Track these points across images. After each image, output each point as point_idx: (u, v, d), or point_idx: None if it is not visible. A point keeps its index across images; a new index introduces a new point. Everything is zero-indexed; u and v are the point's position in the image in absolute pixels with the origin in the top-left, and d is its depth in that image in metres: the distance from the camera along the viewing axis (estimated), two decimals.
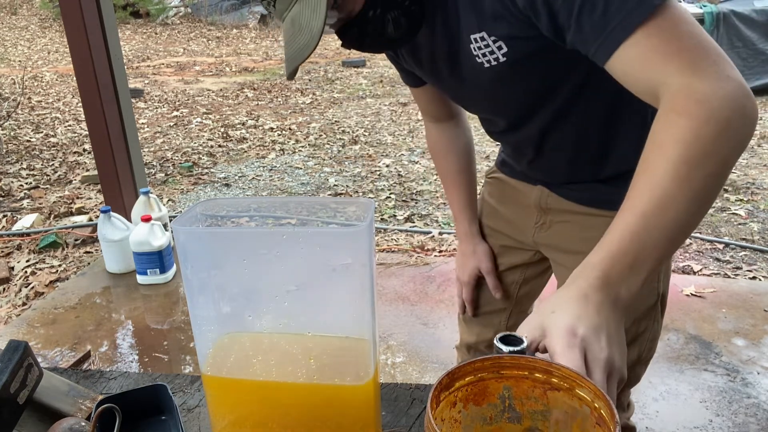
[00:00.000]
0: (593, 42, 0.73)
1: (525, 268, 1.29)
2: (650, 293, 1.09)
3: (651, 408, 1.82)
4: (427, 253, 3.05)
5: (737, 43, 6.53)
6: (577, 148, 1.03)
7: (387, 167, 4.72)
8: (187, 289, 0.85)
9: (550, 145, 1.04)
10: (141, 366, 2.09)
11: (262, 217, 0.95)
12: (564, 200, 1.11)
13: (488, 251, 1.30)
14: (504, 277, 1.31)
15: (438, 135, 1.30)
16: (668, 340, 2.15)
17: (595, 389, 0.67)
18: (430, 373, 2.05)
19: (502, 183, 1.26)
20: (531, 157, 1.10)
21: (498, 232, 1.29)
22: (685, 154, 0.65)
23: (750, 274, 2.86)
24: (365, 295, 0.81)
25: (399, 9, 0.86)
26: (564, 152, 1.05)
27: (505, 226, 1.27)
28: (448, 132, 1.28)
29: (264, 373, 0.88)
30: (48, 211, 3.88)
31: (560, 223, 1.14)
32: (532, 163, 1.11)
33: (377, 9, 0.85)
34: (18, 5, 14.07)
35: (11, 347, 0.93)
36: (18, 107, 6.72)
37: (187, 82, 8.62)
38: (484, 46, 0.87)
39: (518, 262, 1.28)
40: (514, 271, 1.30)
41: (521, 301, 1.33)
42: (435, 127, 1.29)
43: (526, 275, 1.30)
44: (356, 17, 0.86)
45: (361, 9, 0.85)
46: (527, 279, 1.30)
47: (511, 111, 1.03)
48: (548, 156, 1.07)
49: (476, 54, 0.89)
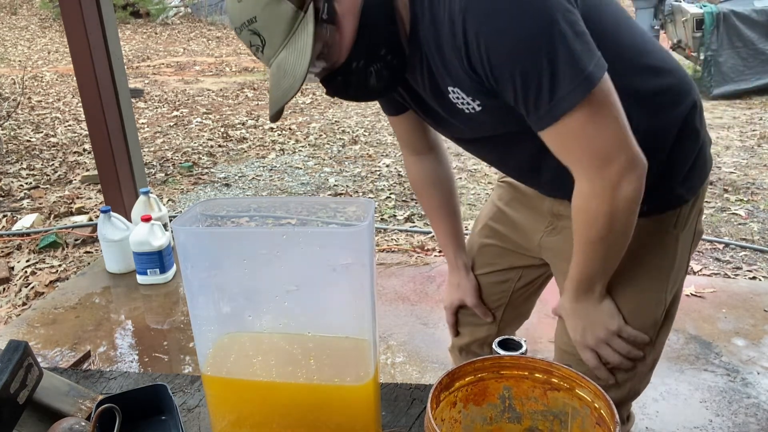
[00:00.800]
0: (529, 117, 0.88)
1: (521, 270, 1.30)
2: (658, 304, 1.09)
3: (651, 408, 1.82)
4: (427, 253, 3.05)
5: (737, 43, 6.53)
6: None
7: (387, 167, 4.72)
8: (187, 289, 0.85)
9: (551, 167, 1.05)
10: (141, 366, 2.08)
11: (262, 217, 0.95)
12: None
13: (473, 286, 1.33)
14: (502, 274, 1.32)
15: (419, 169, 1.30)
16: (668, 340, 2.15)
17: (595, 389, 0.67)
18: (430, 373, 2.05)
19: (513, 187, 1.27)
20: (534, 182, 1.13)
21: (500, 234, 1.30)
22: (588, 237, 0.97)
23: (750, 274, 2.86)
24: (365, 295, 0.81)
25: (381, 62, 0.91)
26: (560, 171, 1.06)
27: (511, 231, 1.28)
28: (429, 165, 1.29)
29: (264, 373, 0.88)
30: (48, 211, 3.88)
31: (569, 229, 1.14)
32: (537, 185, 1.15)
33: (360, 61, 0.89)
34: (18, 5, 14.07)
35: (11, 347, 0.93)
36: (18, 107, 6.72)
37: (187, 82, 8.62)
38: (460, 98, 0.93)
39: (517, 264, 1.30)
40: (511, 271, 1.31)
41: (514, 301, 1.34)
42: (415, 161, 1.29)
43: (522, 275, 1.31)
44: (340, 68, 0.90)
45: (345, 60, 0.89)
46: (523, 280, 1.31)
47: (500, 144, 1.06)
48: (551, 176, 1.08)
49: (455, 102, 0.95)
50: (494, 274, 1.33)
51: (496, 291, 1.33)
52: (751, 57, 6.55)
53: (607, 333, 1.06)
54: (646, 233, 1.02)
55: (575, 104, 0.83)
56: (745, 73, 6.58)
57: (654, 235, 1.04)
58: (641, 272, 1.06)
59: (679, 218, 1.06)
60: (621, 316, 1.07)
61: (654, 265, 1.07)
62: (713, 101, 6.45)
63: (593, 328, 1.07)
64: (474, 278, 1.34)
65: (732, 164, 4.50)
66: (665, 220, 1.05)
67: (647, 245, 1.04)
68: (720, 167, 4.42)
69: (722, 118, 5.84)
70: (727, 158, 4.64)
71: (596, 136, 0.86)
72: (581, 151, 0.88)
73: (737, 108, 6.22)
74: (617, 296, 1.08)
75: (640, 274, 1.06)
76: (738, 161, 4.57)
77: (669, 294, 1.09)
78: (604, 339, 1.07)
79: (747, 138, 5.17)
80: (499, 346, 0.88)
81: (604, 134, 0.86)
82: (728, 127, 5.53)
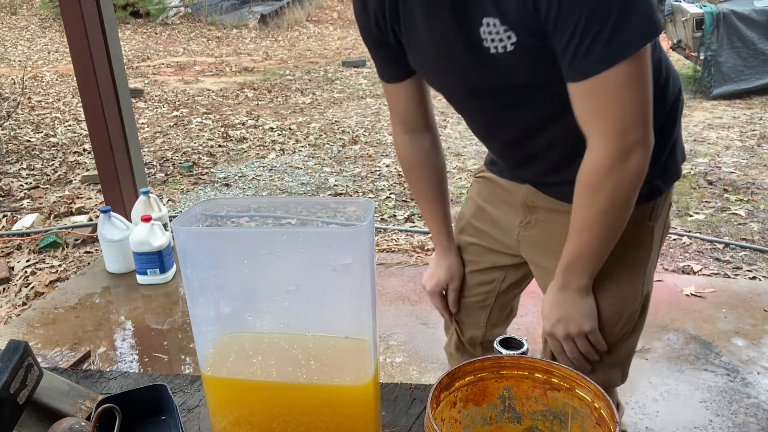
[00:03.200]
0: (573, 64, 0.87)
1: (506, 270, 1.29)
2: (635, 297, 1.10)
3: (651, 408, 1.82)
4: (427, 253, 3.05)
5: (737, 43, 6.53)
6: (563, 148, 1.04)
7: (387, 167, 4.72)
8: (187, 289, 0.85)
9: (539, 145, 1.05)
10: (141, 366, 2.08)
11: (262, 217, 0.95)
12: (551, 199, 1.12)
13: (461, 271, 1.32)
14: (486, 274, 1.31)
15: (412, 149, 1.23)
16: (668, 340, 2.15)
17: (595, 389, 0.67)
18: (429, 373, 2.05)
19: (490, 182, 1.26)
20: (520, 157, 1.10)
21: (483, 232, 1.29)
22: (590, 210, 0.97)
23: (750, 274, 2.86)
24: (365, 295, 0.81)
25: None
26: (552, 152, 1.05)
27: (492, 228, 1.26)
28: (424, 146, 1.23)
29: (264, 373, 0.88)
30: (48, 211, 3.88)
31: (544, 222, 1.15)
32: (521, 164, 1.12)
33: None
34: (18, 5, 14.06)
35: (11, 347, 0.93)
36: (18, 107, 6.72)
37: (187, 82, 8.62)
38: (494, 32, 0.89)
39: (500, 264, 1.29)
40: (495, 270, 1.30)
41: (501, 299, 1.33)
42: (408, 140, 1.22)
43: (507, 276, 1.30)
44: None
45: None
46: (507, 281, 1.31)
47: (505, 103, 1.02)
48: (537, 156, 1.07)
49: (484, 38, 0.91)
50: (478, 273, 1.31)
51: (480, 291, 1.32)
52: (751, 57, 6.55)
53: (578, 331, 1.08)
54: None
55: (631, 53, 0.82)
56: (745, 73, 6.58)
57: (631, 226, 1.03)
58: (620, 265, 1.07)
59: (654, 210, 1.07)
60: (596, 319, 1.08)
61: (631, 256, 1.08)
62: (713, 101, 6.45)
63: (567, 322, 1.08)
64: (462, 263, 1.33)
65: (732, 164, 4.49)
66: (641, 212, 1.05)
67: (625, 237, 1.04)
68: (720, 167, 4.42)
69: (722, 118, 5.84)
70: (727, 158, 4.64)
71: (628, 101, 0.87)
72: (608, 113, 0.89)
73: (737, 108, 6.22)
74: (597, 290, 1.08)
75: (619, 267, 1.07)
76: (738, 161, 4.57)
77: (645, 287, 1.10)
78: (572, 335, 1.08)
79: (747, 138, 5.17)
80: (501, 344, 0.88)
81: (635, 102, 0.87)
82: (728, 127, 5.53)
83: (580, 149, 0.96)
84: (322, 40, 12.66)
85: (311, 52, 11.34)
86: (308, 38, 12.84)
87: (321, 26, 13.98)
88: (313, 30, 13.62)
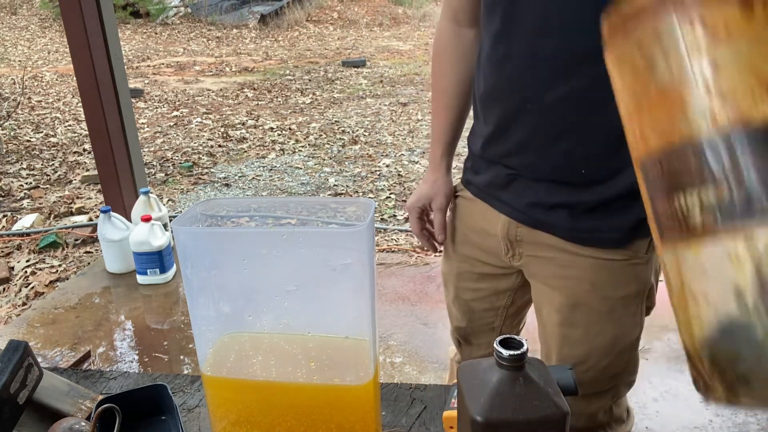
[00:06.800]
0: None
1: (512, 294, 1.20)
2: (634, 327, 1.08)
3: (651, 408, 1.82)
4: (427, 253, 3.05)
5: None
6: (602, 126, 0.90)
7: (387, 167, 4.72)
8: (187, 289, 0.85)
9: (572, 111, 0.92)
10: (141, 366, 2.08)
11: (262, 217, 0.95)
12: (537, 232, 1.04)
13: (448, 189, 1.20)
14: (490, 301, 1.22)
15: (452, 40, 1.12)
16: (668, 340, 2.15)
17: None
18: (429, 373, 2.05)
19: (469, 206, 1.17)
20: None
21: (475, 259, 1.19)
22: None
23: None
24: (365, 295, 0.81)
25: None
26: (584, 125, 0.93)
27: (481, 254, 1.17)
28: (465, 41, 1.11)
29: (264, 373, 0.88)
30: (48, 211, 3.88)
31: (533, 257, 1.08)
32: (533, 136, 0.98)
33: None
34: (18, 5, 14.06)
35: (11, 347, 0.93)
36: (18, 107, 6.72)
37: (187, 82, 8.62)
38: None
39: (504, 288, 1.20)
40: (501, 296, 1.21)
41: (510, 320, 1.26)
42: (452, 30, 1.12)
43: (514, 299, 1.22)
44: None
45: None
46: (515, 303, 1.23)
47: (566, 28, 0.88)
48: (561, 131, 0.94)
49: None
50: (480, 301, 1.23)
51: (487, 316, 1.25)
52: None
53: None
54: (619, 267, 1.00)
55: None
56: None
57: (628, 268, 1.00)
58: (617, 305, 1.03)
59: (651, 243, 0.99)
60: None
61: (628, 294, 1.03)
62: None
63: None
64: (451, 182, 1.22)
65: None
66: (638, 249, 0.99)
67: (621, 281, 1.01)
68: None
69: None
70: None
71: None
72: None
73: None
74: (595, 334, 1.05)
75: (616, 307, 1.04)
76: None
77: (643, 316, 1.07)
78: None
79: None
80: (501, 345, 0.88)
81: None
82: None
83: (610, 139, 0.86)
84: (322, 40, 12.66)
85: (311, 52, 11.34)
86: (308, 38, 12.84)
87: (321, 26, 13.97)
88: (313, 30, 13.62)
